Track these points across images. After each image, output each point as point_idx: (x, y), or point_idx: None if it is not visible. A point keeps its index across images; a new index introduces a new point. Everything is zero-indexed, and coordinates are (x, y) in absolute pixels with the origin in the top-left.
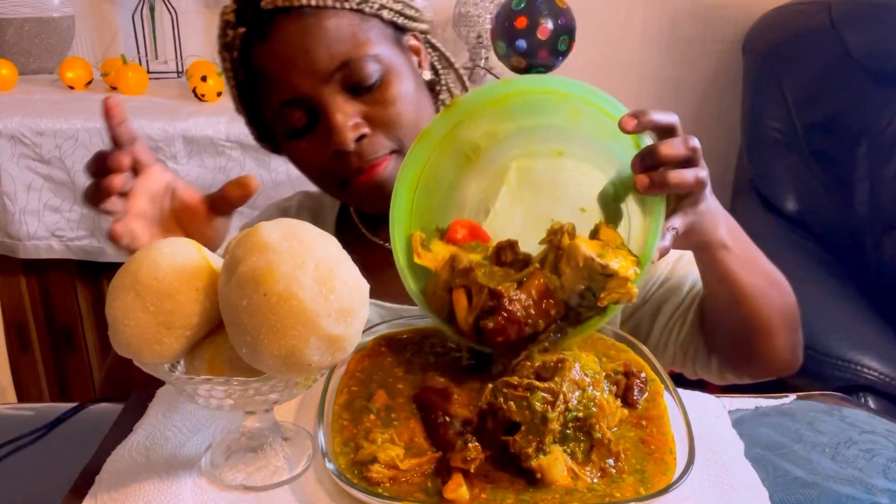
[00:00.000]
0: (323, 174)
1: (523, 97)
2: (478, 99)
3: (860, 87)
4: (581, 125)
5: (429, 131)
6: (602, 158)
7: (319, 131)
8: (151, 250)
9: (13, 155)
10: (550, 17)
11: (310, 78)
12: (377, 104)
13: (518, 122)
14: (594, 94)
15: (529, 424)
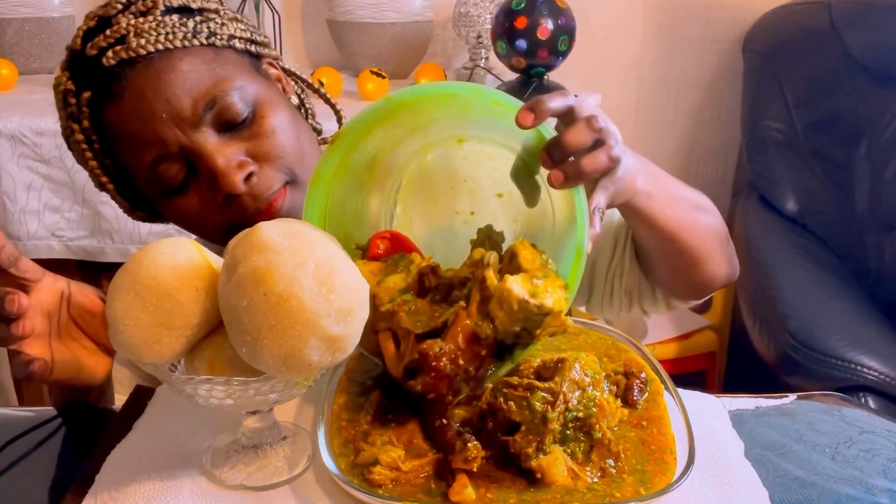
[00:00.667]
0: (217, 226)
1: (408, 107)
2: (361, 123)
3: (860, 87)
4: (476, 112)
5: (320, 170)
6: (505, 136)
7: (200, 182)
8: (151, 250)
9: (13, 155)
10: (550, 17)
11: (178, 127)
12: (256, 138)
13: (408, 123)
14: (482, 91)
15: (529, 424)
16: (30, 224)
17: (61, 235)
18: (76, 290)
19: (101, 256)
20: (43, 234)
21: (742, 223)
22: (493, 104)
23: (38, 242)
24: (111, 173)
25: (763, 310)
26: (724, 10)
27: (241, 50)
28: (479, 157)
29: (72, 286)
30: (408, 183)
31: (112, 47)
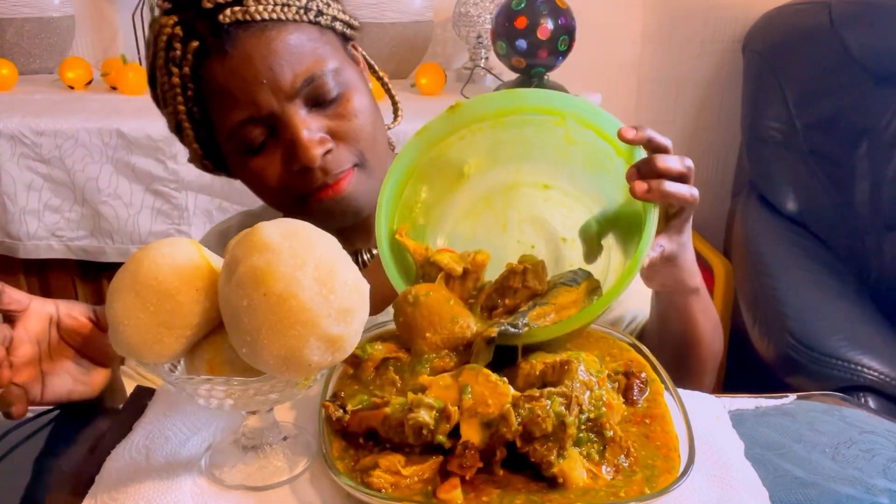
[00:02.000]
0: (282, 191)
1: (522, 115)
2: (478, 108)
3: (860, 87)
4: (573, 156)
5: (428, 128)
6: (588, 195)
7: (280, 147)
8: (151, 250)
9: (13, 155)
10: (550, 17)
11: (275, 95)
12: (339, 118)
13: (510, 149)
14: (593, 115)
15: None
16: (30, 224)
17: (61, 235)
18: (64, 312)
19: (101, 256)
20: (43, 234)
21: (742, 223)
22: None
23: (38, 242)
24: (195, 122)
25: (763, 310)
26: (724, 10)
27: (338, 32)
28: (559, 203)
29: (60, 308)
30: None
31: (230, 6)
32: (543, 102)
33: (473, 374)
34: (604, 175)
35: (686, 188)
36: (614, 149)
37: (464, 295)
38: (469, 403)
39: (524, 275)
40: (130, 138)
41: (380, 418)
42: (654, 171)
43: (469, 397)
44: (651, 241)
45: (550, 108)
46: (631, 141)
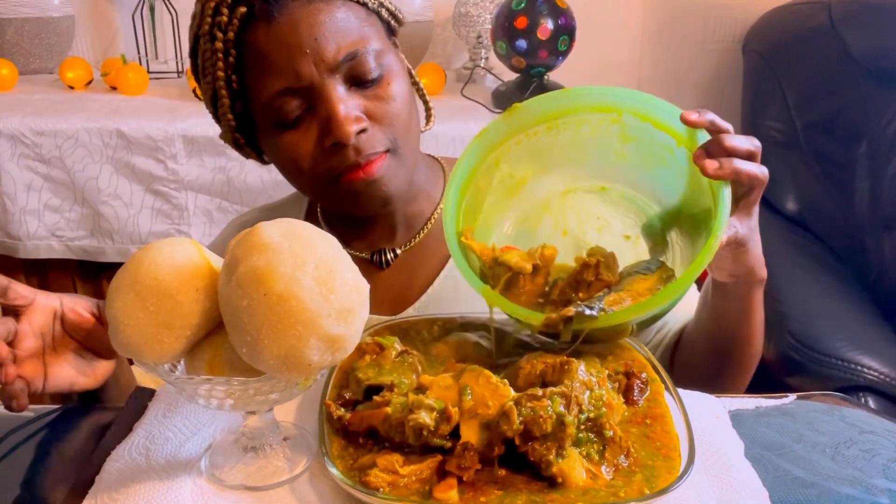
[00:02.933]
0: (312, 170)
1: (578, 115)
2: (535, 111)
3: (860, 87)
4: (628, 154)
5: (487, 131)
6: (646, 193)
7: (314, 123)
8: (151, 250)
9: (13, 155)
10: (550, 17)
11: (316, 66)
12: (377, 100)
13: (566, 153)
14: (650, 106)
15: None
16: (30, 224)
17: (61, 235)
18: (68, 306)
19: (101, 256)
20: (43, 234)
21: None
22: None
23: (38, 242)
24: (232, 91)
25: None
26: (724, 10)
27: (384, 19)
28: (617, 204)
29: (64, 303)
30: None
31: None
32: (599, 100)
33: (474, 375)
34: (663, 169)
35: (756, 166)
36: (675, 139)
37: (535, 291)
38: (469, 404)
39: (597, 267)
40: (130, 138)
41: (380, 418)
42: (722, 149)
43: (469, 398)
44: (726, 219)
45: (606, 106)
46: (694, 123)
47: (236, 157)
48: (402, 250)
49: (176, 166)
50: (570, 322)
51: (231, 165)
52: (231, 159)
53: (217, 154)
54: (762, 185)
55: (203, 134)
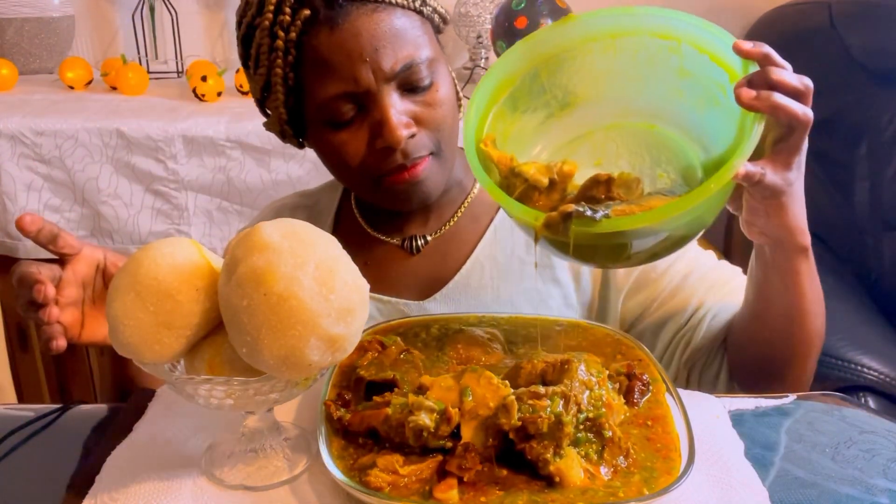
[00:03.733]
0: (359, 168)
1: (635, 38)
2: (592, 25)
3: (860, 87)
4: (683, 92)
5: (535, 37)
6: (693, 138)
7: (366, 124)
8: (151, 250)
9: (13, 155)
10: (550, 17)
11: (375, 74)
12: (426, 106)
13: (619, 82)
14: (710, 36)
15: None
16: None
17: None
18: (112, 262)
19: None
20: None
21: None
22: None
23: None
24: (287, 87)
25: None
26: (724, 10)
27: (435, 24)
28: (662, 145)
29: (108, 257)
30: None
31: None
32: (660, 25)
33: (475, 376)
34: (714, 111)
35: (798, 104)
36: (729, 74)
37: (547, 205)
38: (470, 405)
39: (609, 184)
40: (130, 138)
41: (381, 418)
42: (766, 82)
43: (470, 399)
44: (751, 147)
45: (667, 33)
46: (747, 53)
47: (236, 157)
48: (432, 237)
49: (176, 166)
50: (569, 219)
51: (231, 165)
52: (231, 159)
53: (217, 154)
54: (804, 128)
55: (203, 134)
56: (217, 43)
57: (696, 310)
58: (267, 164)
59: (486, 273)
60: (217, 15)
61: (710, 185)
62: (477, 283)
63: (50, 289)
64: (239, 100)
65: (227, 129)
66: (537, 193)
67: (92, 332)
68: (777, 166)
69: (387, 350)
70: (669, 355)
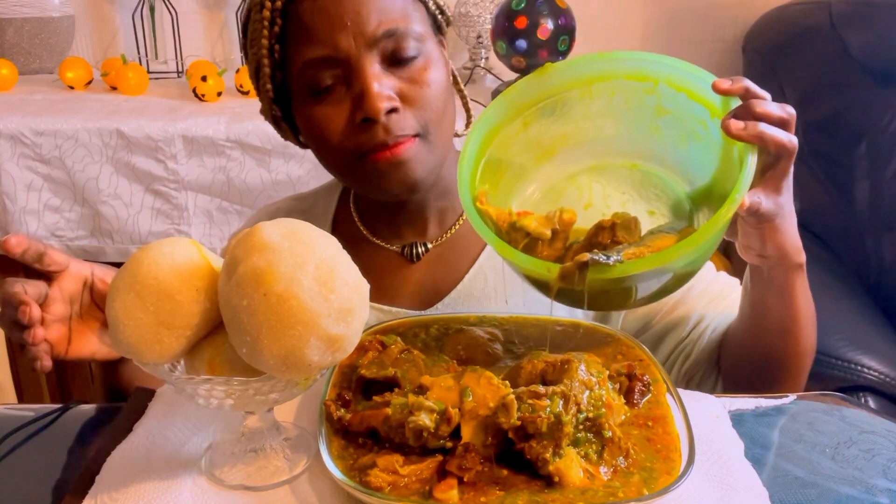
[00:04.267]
0: (340, 144)
1: (611, 82)
2: (568, 74)
3: (860, 87)
4: (662, 130)
5: (515, 88)
6: (677, 172)
7: (347, 98)
8: (151, 250)
9: (13, 155)
10: (550, 17)
11: (355, 39)
12: (411, 82)
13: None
14: (687, 75)
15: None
16: (30, 224)
17: (61, 235)
18: (99, 277)
19: (101, 256)
20: (43, 234)
21: None
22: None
23: None
24: (273, 60)
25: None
26: (724, 10)
27: (430, 10)
28: (647, 182)
29: (95, 272)
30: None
31: None
32: (635, 67)
33: (475, 376)
34: (696, 145)
35: (784, 133)
36: (709, 109)
37: (553, 257)
38: (470, 405)
39: (613, 229)
40: (130, 138)
41: (380, 418)
42: (752, 114)
43: (470, 399)
44: (748, 181)
45: (642, 74)
46: (727, 91)
47: (236, 158)
48: (433, 245)
49: (176, 166)
50: (584, 269)
51: (231, 165)
52: (231, 159)
53: (217, 154)
54: (790, 155)
55: (203, 134)
56: (217, 43)
57: (696, 323)
58: (267, 164)
59: (489, 283)
60: (217, 15)
61: (717, 221)
62: (480, 292)
63: (35, 310)
64: (239, 100)
65: (227, 129)
66: (540, 244)
67: (78, 348)
68: (769, 193)
69: (387, 349)
70: (669, 367)
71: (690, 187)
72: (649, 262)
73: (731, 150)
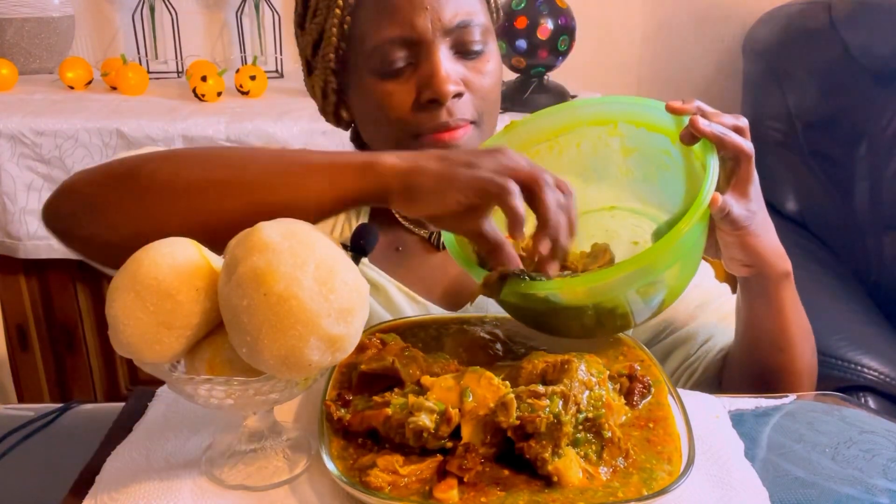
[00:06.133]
0: (400, 120)
1: (575, 130)
2: (533, 128)
3: (860, 87)
4: (632, 169)
5: (486, 145)
6: (653, 204)
7: (414, 78)
8: (151, 250)
9: (13, 155)
10: (550, 17)
11: (433, 24)
12: (475, 72)
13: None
14: (641, 109)
15: (545, 429)
16: (30, 224)
17: None
18: None
19: None
20: (43, 234)
21: None
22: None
23: (37, 242)
24: (342, 32)
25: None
26: (724, 10)
27: (491, 8)
28: (626, 220)
29: None
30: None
31: None
32: (594, 112)
33: (476, 376)
34: (664, 174)
35: (740, 137)
36: (669, 137)
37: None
38: (471, 406)
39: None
40: (130, 138)
41: (381, 419)
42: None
43: (471, 399)
44: (714, 176)
45: (602, 118)
46: (680, 111)
47: None
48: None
49: None
50: (503, 280)
51: None
52: None
53: None
54: (749, 158)
55: (203, 134)
56: (217, 43)
57: (705, 341)
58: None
59: None
60: (217, 15)
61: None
62: None
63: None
64: (239, 100)
65: (227, 129)
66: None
67: None
68: (737, 197)
69: (387, 346)
70: (674, 382)
71: (668, 214)
72: (578, 282)
73: (694, 167)
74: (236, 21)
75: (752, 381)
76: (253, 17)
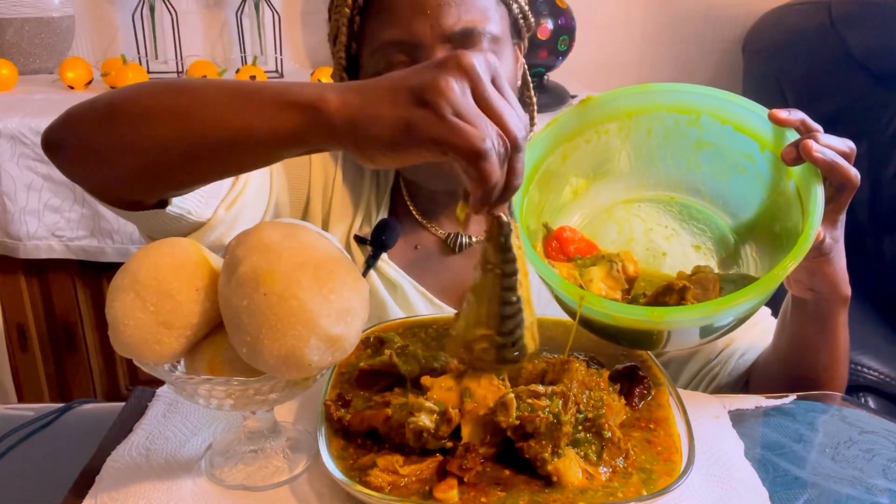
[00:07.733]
0: None
1: (653, 114)
2: (610, 106)
3: (860, 87)
4: (701, 163)
5: (558, 121)
6: (717, 204)
7: None
8: (151, 250)
9: (13, 155)
10: (550, 17)
11: (432, 29)
12: None
13: (637, 158)
14: (733, 107)
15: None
16: (30, 224)
17: (61, 235)
18: None
19: (101, 256)
20: (43, 234)
21: None
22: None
23: (38, 242)
24: (352, 31)
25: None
26: (724, 10)
27: (514, 14)
28: (685, 213)
29: None
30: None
31: None
32: (678, 101)
33: (476, 376)
34: (740, 178)
35: (848, 164)
36: (759, 142)
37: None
38: (471, 406)
39: (682, 292)
40: None
41: (381, 419)
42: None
43: (471, 400)
44: (821, 212)
45: (685, 106)
46: (784, 122)
47: None
48: (477, 239)
49: None
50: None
51: None
52: None
53: None
54: (853, 188)
55: None
56: (217, 43)
57: (725, 346)
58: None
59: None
60: (217, 15)
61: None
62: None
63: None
64: None
65: None
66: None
67: None
68: (827, 227)
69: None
70: (693, 388)
71: (733, 221)
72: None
73: (783, 184)
74: (236, 21)
75: (787, 391)
76: (253, 17)
